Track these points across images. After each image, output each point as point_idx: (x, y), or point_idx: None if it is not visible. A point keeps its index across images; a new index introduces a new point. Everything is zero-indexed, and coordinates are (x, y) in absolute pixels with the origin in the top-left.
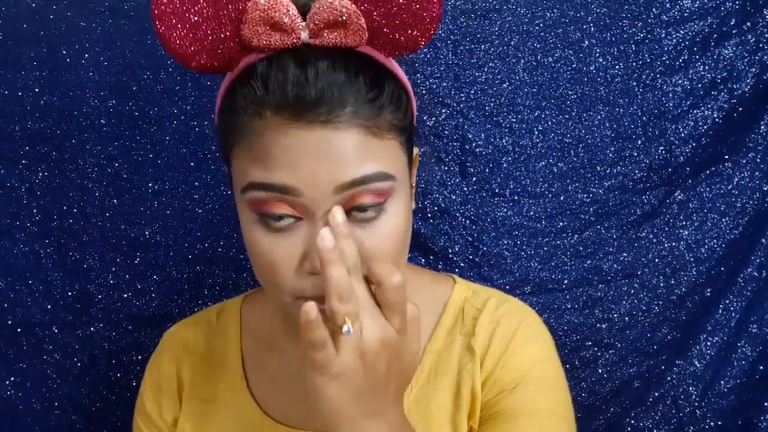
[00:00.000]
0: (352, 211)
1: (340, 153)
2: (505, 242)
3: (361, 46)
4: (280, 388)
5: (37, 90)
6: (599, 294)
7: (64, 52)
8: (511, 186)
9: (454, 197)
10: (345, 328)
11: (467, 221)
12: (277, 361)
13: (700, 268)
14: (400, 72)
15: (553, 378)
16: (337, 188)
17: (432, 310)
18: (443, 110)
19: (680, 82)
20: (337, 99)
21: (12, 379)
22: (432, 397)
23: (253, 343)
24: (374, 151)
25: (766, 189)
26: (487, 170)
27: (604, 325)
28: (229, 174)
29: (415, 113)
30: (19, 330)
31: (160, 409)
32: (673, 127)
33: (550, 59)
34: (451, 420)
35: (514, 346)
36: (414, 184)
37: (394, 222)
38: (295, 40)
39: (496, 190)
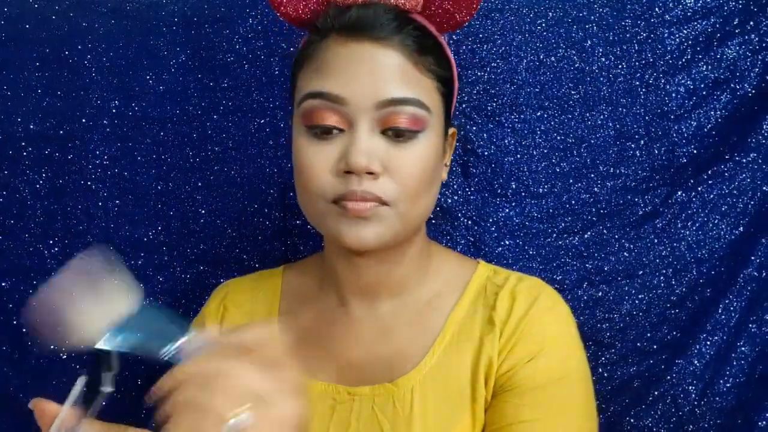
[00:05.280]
0: (388, 130)
1: (384, 70)
2: (507, 242)
3: (416, 14)
4: (309, 345)
5: (39, 91)
6: (600, 294)
7: (67, 53)
8: (513, 186)
9: (456, 197)
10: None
11: (469, 221)
12: (309, 312)
13: (701, 268)
14: (447, 48)
15: (568, 348)
16: (378, 104)
17: (456, 284)
18: None
19: (683, 81)
20: (388, 27)
21: (17, 379)
22: (453, 362)
23: (289, 303)
24: (414, 80)
25: (767, 189)
26: (489, 170)
27: (604, 325)
28: (291, 104)
29: (457, 85)
30: (23, 330)
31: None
32: (676, 127)
33: (553, 59)
34: (471, 385)
35: (530, 318)
36: (449, 164)
37: (424, 151)
38: None
39: (498, 191)
